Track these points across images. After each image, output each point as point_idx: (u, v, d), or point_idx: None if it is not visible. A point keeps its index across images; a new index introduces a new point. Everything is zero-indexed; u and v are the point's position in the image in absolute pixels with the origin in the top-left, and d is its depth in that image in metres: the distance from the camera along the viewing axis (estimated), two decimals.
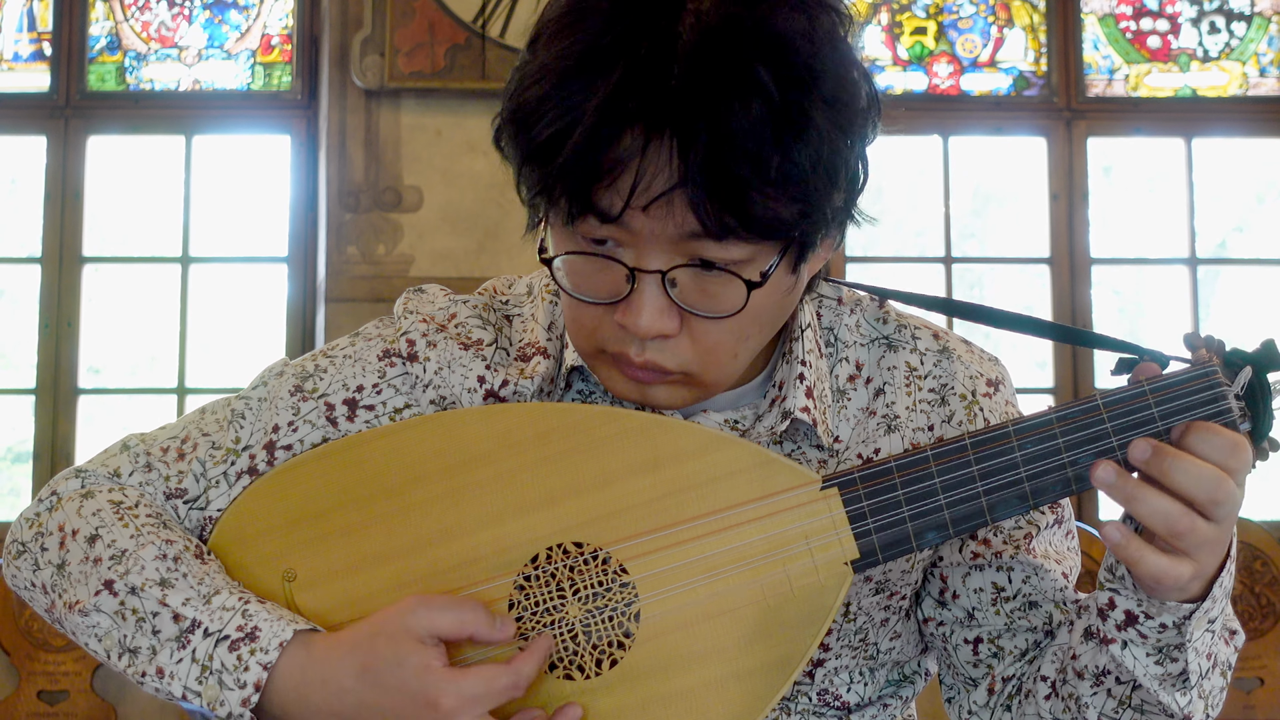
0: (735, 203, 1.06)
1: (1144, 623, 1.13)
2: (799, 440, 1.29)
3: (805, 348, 1.29)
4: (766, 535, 1.16)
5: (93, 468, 1.32)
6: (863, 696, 1.34)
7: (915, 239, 4.79)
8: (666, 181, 1.06)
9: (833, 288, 1.36)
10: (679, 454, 1.18)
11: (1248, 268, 4.76)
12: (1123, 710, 1.19)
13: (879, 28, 4.63)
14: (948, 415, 1.32)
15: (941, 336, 1.35)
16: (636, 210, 1.08)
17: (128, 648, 1.20)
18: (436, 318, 1.34)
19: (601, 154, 1.07)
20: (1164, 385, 1.11)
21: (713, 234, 1.08)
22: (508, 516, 1.20)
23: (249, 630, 1.16)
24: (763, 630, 1.16)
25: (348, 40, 4.30)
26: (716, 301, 1.13)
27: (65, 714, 4.02)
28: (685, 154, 1.05)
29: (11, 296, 4.67)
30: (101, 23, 4.52)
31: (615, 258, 1.13)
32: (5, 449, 4.65)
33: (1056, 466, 1.12)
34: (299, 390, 1.32)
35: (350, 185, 4.28)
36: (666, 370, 1.17)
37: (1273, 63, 4.64)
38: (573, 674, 1.18)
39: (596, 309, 1.17)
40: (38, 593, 1.27)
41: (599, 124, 1.06)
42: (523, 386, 1.29)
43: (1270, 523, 4.34)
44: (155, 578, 1.20)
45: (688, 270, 1.12)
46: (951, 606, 1.32)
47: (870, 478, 1.15)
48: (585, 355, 1.23)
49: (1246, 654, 4.12)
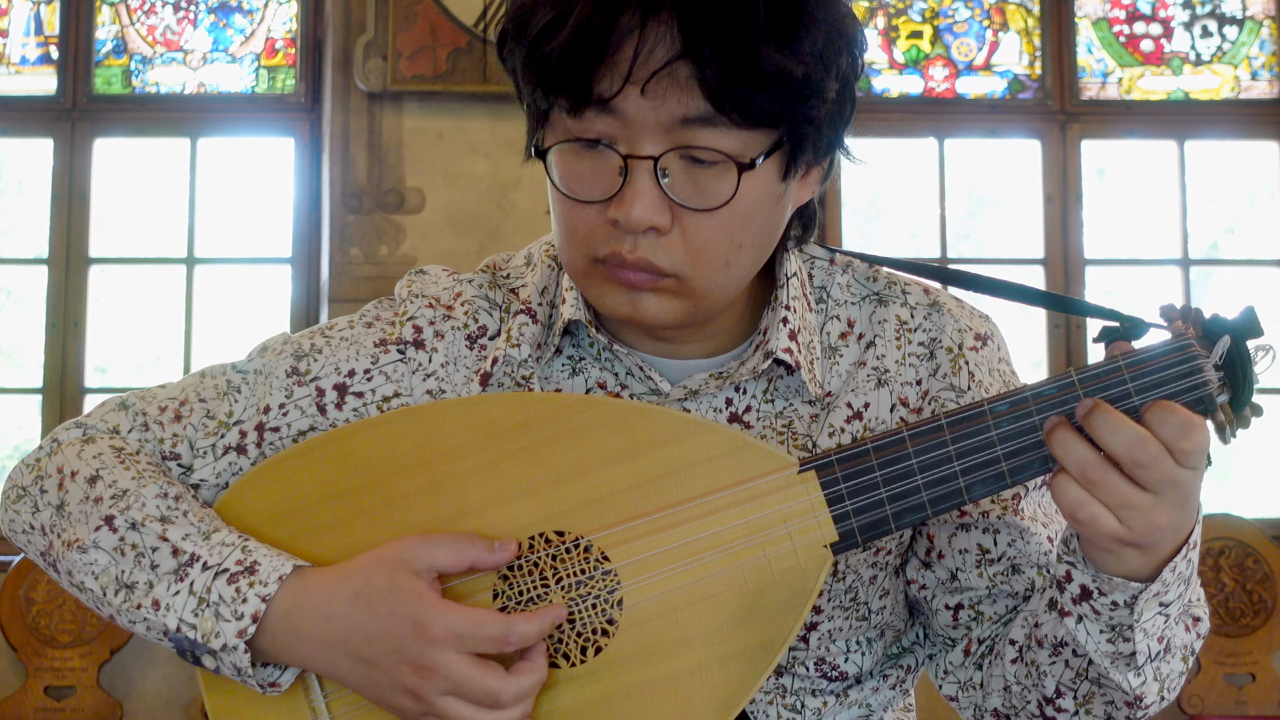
0: (732, 80, 1.08)
1: (1097, 599, 1.12)
2: (790, 397, 1.29)
3: (790, 294, 1.29)
4: (746, 520, 1.16)
5: (93, 421, 1.33)
6: (862, 668, 1.34)
7: (911, 240, 4.80)
8: (665, 54, 1.08)
9: (825, 250, 1.37)
10: (656, 440, 1.18)
11: (1239, 269, 4.76)
12: (1079, 681, 1.20)
13: (876, 31, 4.65)
14: (934, 369, 1.31)
15: (932, 292, 1.35)
16: (633, 92, 1.10)
17: (124, 583, 1.20)
18: (442, 299, 1.35)
19: (599, 33, 1.09)
20: (1139, 360, 1.10)
21: (707, 115, 1.09)
22: (489, 507, 1.19)
23: (248, 564, 1.17)
24: (744, 615, 1.15)
25: (351, 44, 4.32)
26: (707, 195, 1.14)
27: (72, 709, 4.04)
28: (687, 27, 1.07)
29: (19, 297, 4.69)
30: (107, 27, 4.54)
31: (610, 147, 1.14)
32: (13, 447, 4.66)
33: (1033, 444, 1.11)
34: (294, 372, 1.32)
35: (353, 187, 4.30)
36: (659, 270, 1.16)
37: (1264, 66, 4.65)
38: (558, 661, 1.18)
39: (589, 211, 1.17)
40: (35, 535, 1.28)
41: (596, 2, 1.09)
42: (510, 355, 1.29)
43: (1262, 520, 4.36)
44: (156, 514, 1.21)
45: (680, 162, 1.13)
46: (935, 567, 1.32)
47: (847, 460, 1.15)
48: (577, 271, 1.22)
49: (1239, 650, 4.13)
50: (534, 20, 1.12)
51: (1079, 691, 1.21)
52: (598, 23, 1.08)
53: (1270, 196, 4.69)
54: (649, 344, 1.30)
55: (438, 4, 4.29)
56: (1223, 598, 4.17)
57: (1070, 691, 1.21)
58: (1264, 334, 1.11)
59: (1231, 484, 4.74)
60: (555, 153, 1.17)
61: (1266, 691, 4.12)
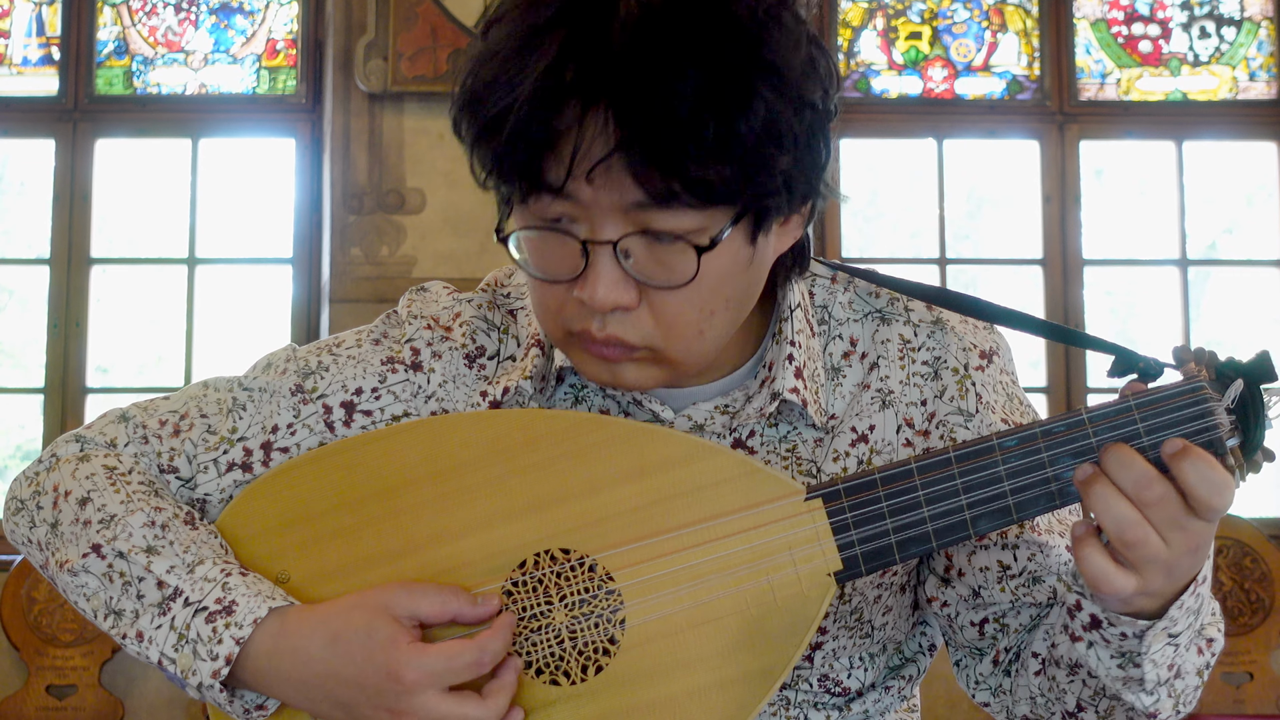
0: (673, 168, 1.06)
1: (1106, 628, 1.13)
2: (794, 421, 1.28)
3: (795, 328, 1.28)
4: (751, 545, 1.15)
5: (91, 434, 1.33)
6: (864, 682, 1.34)
7: (911, 240, 4.81)
8: (604, 148, 1.06)
9: (826, 268, 1.35)
10: (665, 462, 1.18)
11: (1237, 269, 4.77)
12: (1099, 699, 1.20)
13: (875, 33, 4.66)
14: (940, 390, 1.30)
15: (934, 309, 1.34)
16: (580, 180, 1.08)
17: (113, 609, 1.21)
18: (441, 319, 1.35)
19: (543, 125, 1.07)
20: (1150, 400, 1.09)
21: (658, 200, 1.08)
22: (496, 522, 1.19)
23: (226, 604, 1.17)
24: (746, 640, 1.15)
25: (351, 45, 4.33)
26: (670, 272, 1.12)
27: (73, 708, 4.05)
28: (622, 121, 1.06)
29: (20, 297, 4.70)
30: (109, 28, 4.55)
31: (569, 231, 1.13)
32: (14, 447, 4.65)
33: (1040, 480, 1.11)
34: (300, 390, 1.32)
35: (354, 187, 4.30)
36: (630, 345, 1.16)
37: (1262, 67, 4.65)
38: (558, 679, 1.18)
39: (558, 289, 1.16)
40: (34, 549, 1.29)
41: (537, 95, 1.07)
42: (523, 386, 1.29)
43: (1260, 520, 4.37)
44: (142, 544, 1.21)
45: (640, 240, 1.11)
46: (956, 585, 1.31)
47: (854, 490, 1.14)
48: (556, 340, 1.22)
49: (1237, 649, 4.14)
50: (481, 110, 1.11)
51: (1099, 707, 1.21)
52: (540, 116, 1.07)
53: (1268, 197, 4.69)
54: None
55: (438, 5, 4.29)
56: (1221, 597, 4.17)
57: (1091, 707, 1.21)
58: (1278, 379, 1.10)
59: None
60: (519, 235, 1.17)
61: (1264, 690, 4.14)
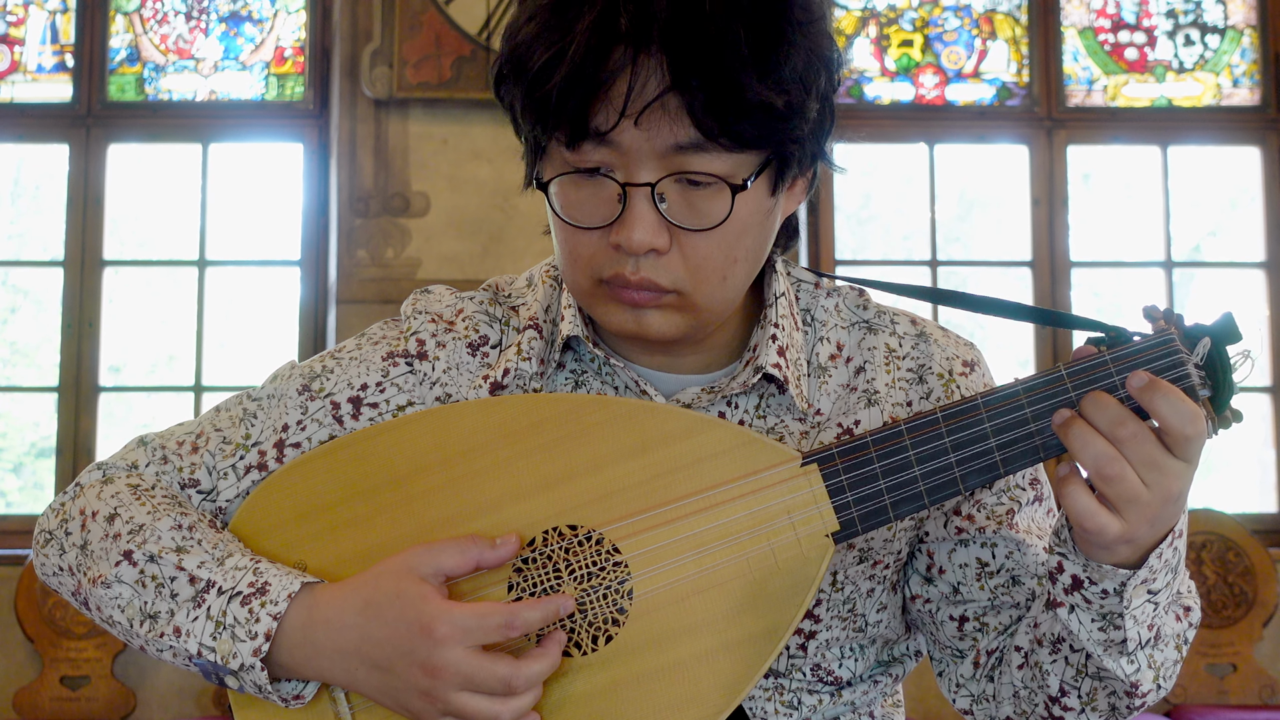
0: (726, 105, 1.12)
1: (1088, 588, 1.15)
2: (781, 414, 1.32)
3: (779, 312, 1.32)
4: (751, 511, 1.18)
5: (112, 461, 1.36)
6: (854, 673, 1.36)
7: (903, 242, 4.84)
8: (657, 86, 1.12)
9: (811, 275, 1.40)
10: (665, 437, 1.20)
11: (1221, 271, 4.79)
12: (1081, 679, 1.22)
13: (868, 40, 4.69)
14: (925, 392, 1.34)
15: (919, 322, 1.39)
16: (629, 124, 1.13)
17: (148, 614, 1.23)
18: (445, 315, 1.37)
19: (593, 70, 1.12)
20: (1124, 354, 1.12)
21: (707, 135, 1.13)
22: (505, 503, 1.22)
23: (259, 585, 1.20)
24: (750, 602, 1.18)
25: (358, 52, 4.36)
26: (703, 215, 1.18)
27: (87, 699, 4.08)
28: (675, 61, 1.11)
29: (35, 298, 4.73)
30: (121, 35, 4.58)
31: (609, 176, 1.17)
32: (29, 445, 4.71)
33: (1024, 435, 1.14)
34: (306, 390, 1.35)
35: (360, 191, 4.33)
36: (661, 288, 1.20)
37: (1245, 74, 4.68)
38: (570, 650, 1.20)
39: (591, 236, 1.20)
40: (65, 576, 1.31)
41: (589, 42, 1.12)
42: (523, 369, 1.32)
43: (1243, 515, 4.42)
44: (172, 545, 1.24)
45: (675, 186, 1.17)
46: (938, 582, 1.34)
47: (848, 453, 1.17)
48: (582, 292, 1.25)
49: (1221, 641, 4.18)
50: (531, 61, 1.15)
51: (1082, 689, 1.24)
52: (591, 61, 1.12)
53: (1251, 200, 4.71)
54: (646, 359, 1.33)
55: (442, 13, 4.32)
56: (1205, 590, 4.20)
57: (1074, 690, 1.24)
58: (1243, 339, 1.13)
59: (1213, 479, 4.76)
60: (555, 184, 1.21)
61: (1248, 681, 4.17)
